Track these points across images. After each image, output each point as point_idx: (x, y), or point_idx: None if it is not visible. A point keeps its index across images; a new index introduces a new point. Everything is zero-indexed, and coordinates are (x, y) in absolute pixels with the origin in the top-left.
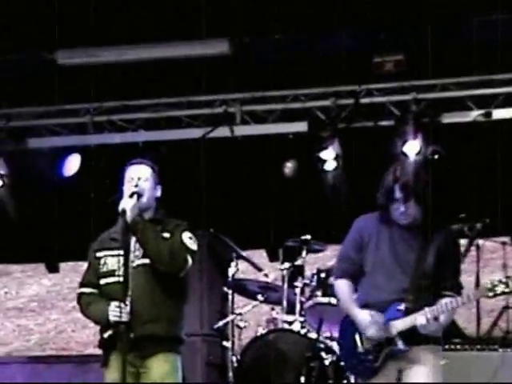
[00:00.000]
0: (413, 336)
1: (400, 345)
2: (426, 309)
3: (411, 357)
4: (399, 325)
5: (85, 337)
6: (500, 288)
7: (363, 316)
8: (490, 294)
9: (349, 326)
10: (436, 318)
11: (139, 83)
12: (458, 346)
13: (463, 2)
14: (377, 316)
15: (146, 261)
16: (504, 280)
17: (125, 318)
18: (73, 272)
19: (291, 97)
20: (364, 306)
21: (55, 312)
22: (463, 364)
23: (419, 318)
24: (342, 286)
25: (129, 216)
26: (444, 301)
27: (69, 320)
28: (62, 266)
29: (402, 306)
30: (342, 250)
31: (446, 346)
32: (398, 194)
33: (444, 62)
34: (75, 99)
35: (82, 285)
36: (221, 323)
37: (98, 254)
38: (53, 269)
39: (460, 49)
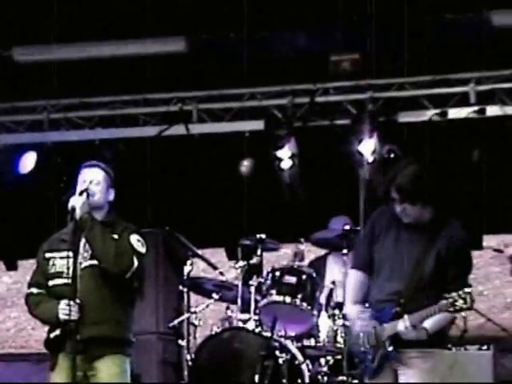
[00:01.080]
0: (402, 340)
1: (389, 348)
2: (405, 316)
3: (403, 360)
4: (388, 329)
5: (44, 335)
6: (459, 303)
7: (350, 310)
8: (451, 309)
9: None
10: (415, 326)
11: (96, 80)
12: None
13: (419, 2)
14: (364, 313)
15: (94, 262)
16: (463, 295)
17: (74, 316)
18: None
19: (248, 95)
20: (365, 302)
21: (15, 310)
22: None
23: (399, 325)
24: (350, 277)
25: (78, 213)
26: (430, 307)
27: (29, 318)
28: (22, 263)
29: (394, 309)
30: (358, 241)
31: None
32: (393, 195)
33: (400, 62)
34: (32, 96)
35: (30, 285)
36: (176, 321)
37: (47, 255)
38: (11, 266)
39: (416, 48)
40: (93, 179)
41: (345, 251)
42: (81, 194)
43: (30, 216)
